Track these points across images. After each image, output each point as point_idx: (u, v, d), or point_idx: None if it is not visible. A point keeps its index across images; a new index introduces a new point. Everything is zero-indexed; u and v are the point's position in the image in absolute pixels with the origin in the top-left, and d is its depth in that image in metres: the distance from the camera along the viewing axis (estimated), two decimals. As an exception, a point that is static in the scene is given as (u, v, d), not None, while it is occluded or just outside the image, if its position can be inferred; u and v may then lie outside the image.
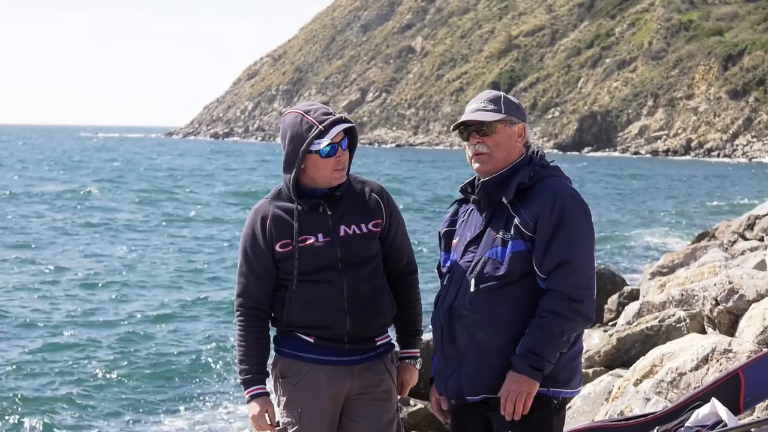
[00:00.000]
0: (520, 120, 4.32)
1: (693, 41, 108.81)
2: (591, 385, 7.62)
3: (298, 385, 4.41)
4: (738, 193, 49.21)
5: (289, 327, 4.44)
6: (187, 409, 12.21)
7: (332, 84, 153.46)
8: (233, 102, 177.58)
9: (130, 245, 27.53)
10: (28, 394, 12.48)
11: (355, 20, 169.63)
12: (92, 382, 13.15)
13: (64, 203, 40.51)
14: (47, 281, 20.77)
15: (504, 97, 4.33)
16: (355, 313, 4.37)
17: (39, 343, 15.16)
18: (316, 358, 4.40)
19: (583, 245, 4.11)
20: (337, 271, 4.37)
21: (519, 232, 4.13)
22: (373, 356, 4.47)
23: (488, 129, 4.27)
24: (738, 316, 7.82)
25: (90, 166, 73.60)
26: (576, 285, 4.05)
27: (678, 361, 6.68)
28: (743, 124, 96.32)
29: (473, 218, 4.35)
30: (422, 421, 8.88)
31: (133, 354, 14.80)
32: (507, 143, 4.28)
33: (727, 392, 5.53)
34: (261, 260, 4.41)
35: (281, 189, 4.47)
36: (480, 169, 4.30)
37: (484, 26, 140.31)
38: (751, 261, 10.90)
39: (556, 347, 4.06)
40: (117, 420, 11.75)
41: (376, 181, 4.59)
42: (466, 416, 4.32)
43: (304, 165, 4.36)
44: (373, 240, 4.46)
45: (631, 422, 5.63)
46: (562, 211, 4.11)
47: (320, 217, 4.40)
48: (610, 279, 14.24)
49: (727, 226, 19.09)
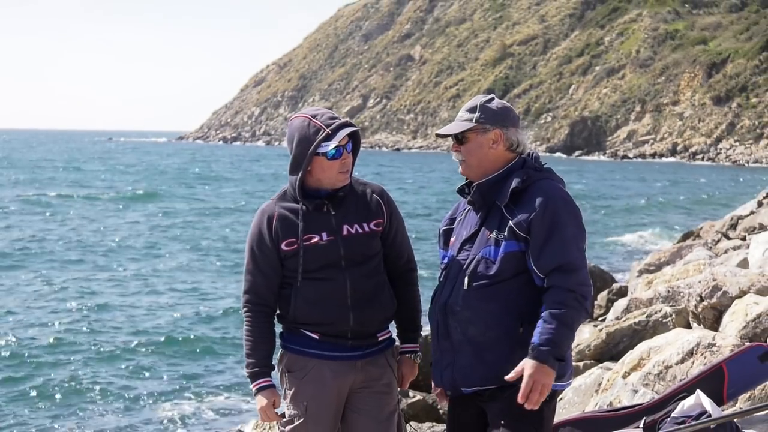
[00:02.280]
0: (495, 126, 4.26)
1: (679, 50, 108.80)
2: (581, 378, 7.62)
3: (304, 379, 4.41)
4: (721, 195, 49.20)
5: (295, 324, 4.44)
6: (196, 401, 12.20)
7: (335, 90, 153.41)
8: (241, 108, 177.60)
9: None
10: (48, 379, 12.50)
11: (356, 30, 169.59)
12: (105, 371, 13.17)
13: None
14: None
15: (481, 105, 4.29)
16: (358, 310, 4.37)
17: (60, 329, 15.23)
18: (320, 354, 4.40)
19: (575, 245, 4.10)
20: (340, 269, 4.36)
21: (513, 233, 4.12)
22: (375, 351, 4.46)
23: (461, 138, 4.29)
24: (721, 312, 7.82)
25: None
26: (578, 282, 4.03)
27: (664, 354, 6.68)
28: (726, 128, 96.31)
29: (469, 218, 4.34)
30: (420, 412, 8.87)
31: (145, 344, 14.87)
32: (478, 151, 4.25)
33: (711, 384, 5.54)
34: (267, 258, 4.40)
35: (287, 190, 4.46)
36: (462, 172, 4.32)
37: (479, 35, 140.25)
38: (734, 259, 10.91)
39: (571, 338, 4.05)
40: (125, 412, 11.73)
41: (376, 183, 4.59)
42: (462, 407, 4.31)
43: (310, 167, 4.36)
44: (375, 239, 4.45)
45: (619, 413, 5.63)
46: (555, 213, 4.09)
47: (324, 216, 4.39)
48: (599, 276, 14.23)
49: (711, 226, 19.10)
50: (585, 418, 5.67)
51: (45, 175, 63.83)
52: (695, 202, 44.62)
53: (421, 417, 8.76)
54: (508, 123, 4.30)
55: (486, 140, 4.26)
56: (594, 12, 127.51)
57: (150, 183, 57.24)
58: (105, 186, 53.78)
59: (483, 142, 4.26)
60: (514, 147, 4.29)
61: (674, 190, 53.93)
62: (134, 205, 41.33)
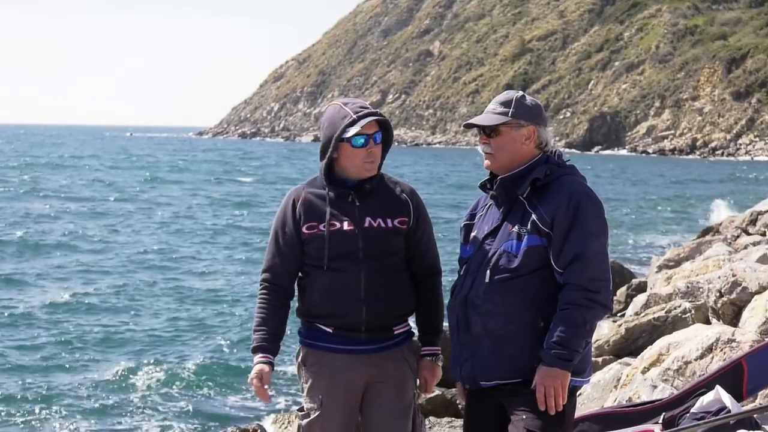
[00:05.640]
0: (530, 123, 4.25)
1: (698, 45, 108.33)
2: (600, 373, 7.60)
3: (319, 372, 4.42)
4: (741, 190, 48.95)
5: (310, 317, 4.45)
6: (214, 395, 12.22)
7: (354, 86, 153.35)
8: (260, 103, 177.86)
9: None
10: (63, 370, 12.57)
11: (375, 25, 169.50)
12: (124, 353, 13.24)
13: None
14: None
15: (517, 99, 4.27)
16: (371, 303, 4.35)
17: (79, 318, 15.32)
18: (334, 348, 4.40)
19: (596, 239, 4.09)
20: (356, 261, 4.35)
21: (536, 228, 4.12)
22: (390, 345, 4.45)
23: (492, 131, 4.25)
24: (741, 308, 7.80)
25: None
26: (591, 277, 4.03)
27: (684, 350, 6.67)
28: (746, 124, 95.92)
29: (491, 213, 4.33)
30: (439, 407, 8.89)
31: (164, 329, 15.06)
32: (510, 146, 4.24)
33: (731, 380, 5.53)
34: (288, 240, 4.43)
35: (317, 176, 4.49)
36: (487, 166, 4.29)
37: (498, 31, 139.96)
38: (753, 255, 10.85)
39: (581, 336, 4.03)
40: (142, 404, 11.76)
41: (408, 184, 4.58)
42: (481, 401, 4.30)
43: (337, 154, 4.38)
44: (397, 236, 4.44)
45: (638, 408, 5.63)
46: (577, 207, 4.09)
47: (348, 206, 4.40)
48: (618, 272, 14.21)
49: (730, 221, 19.00)
50: (604, 414, 5.67)
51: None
52: (713, 198, 44.40)
53: (440, 412, 8.77)
54: (541, 121, 4.32)
55: (519, 136, 4.25)
56: (613, 7, 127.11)
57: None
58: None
59: (516, 138, 4.25)
60: (543, 145, 4.30)
61: (693, 186, 53.69)
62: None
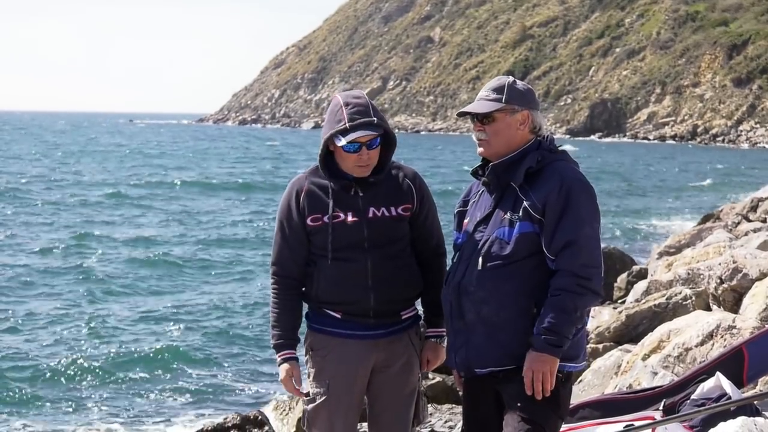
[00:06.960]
0: (524, 108, 4.23)
1: (699, 31, 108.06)
2: (601, 360, 7.62)
3: (327, 357, 4.45)
4: (742, 177, 48.92)
5: (318, 303, 4.47)
6: (216, 383, 12.26)
7: (355, 72, 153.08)
8: (261, 90, 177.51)
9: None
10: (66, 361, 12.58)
11: (376, 12, 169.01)
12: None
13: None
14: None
15: (509, 85, 4.25)
16: (379, 290, 4.38)
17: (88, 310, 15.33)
18: (343, 333, 4.43)
19: (588, 225, 4.09)
20: (362, 250, 4.38)
21: (527, 215, 4.11)
22: (398, 330, 4.48)
23: (487, 118, 4.24)
24: (742, 294, 7.80)
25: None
26: (583, 263, 4.03)
27: (684, 336, 6.68)
28: (747, 110, 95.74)
29: (483, 199, 4.32)
30: (440, 393, 8.91)
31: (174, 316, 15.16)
32: (506, 131, 4.22)
33: (731, 367, 5.53)
34: (294, 232, 4.45)
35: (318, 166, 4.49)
36: (481, 153, 4.28)
37: (499, 17, 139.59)
38: (754, 241, 10.85)
39: (572, 322, 4.04)
40: (144, 392, 11.79)
41: (410, 167, 4.58)
42: (476, 388, 4.30)
43: (333, 149, 4.39)
44: (402, 223, 4.46)
45: (639, 395, 5.63)
46: (569, 193, 4.08)
47: (352, 197, 4.41)
48: (619, 259, 14.22)
49: (731, 208, 19.00)
50: (604, 400, 5.68)
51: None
52: (715, 185, 44.39)
53: (440, 399, 8.80)
54: (534, 105, 4.30)
55: (514, 121, 4.24)
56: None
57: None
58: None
59: (511, 123, 4.24)
60: (536, 129, 4.28)
61: (693, 172, 53.66)
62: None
